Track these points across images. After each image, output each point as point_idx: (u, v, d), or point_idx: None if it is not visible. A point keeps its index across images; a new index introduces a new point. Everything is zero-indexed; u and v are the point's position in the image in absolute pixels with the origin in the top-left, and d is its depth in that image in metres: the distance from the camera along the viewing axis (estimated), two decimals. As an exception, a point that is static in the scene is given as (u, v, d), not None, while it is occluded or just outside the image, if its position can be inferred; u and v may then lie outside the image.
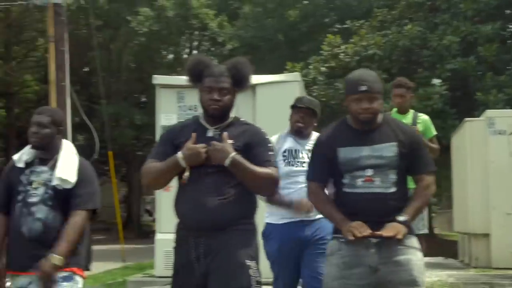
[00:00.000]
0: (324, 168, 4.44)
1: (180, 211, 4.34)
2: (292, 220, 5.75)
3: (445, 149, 13.63)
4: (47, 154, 4.81)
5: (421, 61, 18.39)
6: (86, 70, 38.93)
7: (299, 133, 5.90)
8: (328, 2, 28.78)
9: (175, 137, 4.40)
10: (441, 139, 14.36)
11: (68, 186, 4.69)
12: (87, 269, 14.51)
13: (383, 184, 4.28)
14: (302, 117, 5.88)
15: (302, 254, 5.77)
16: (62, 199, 4.68)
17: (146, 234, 34.54)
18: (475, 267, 10.32)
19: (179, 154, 4.24)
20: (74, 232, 4.65)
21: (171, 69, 37.00)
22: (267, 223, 5.85)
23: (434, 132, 7.78)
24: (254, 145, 4.27)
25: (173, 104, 10.02)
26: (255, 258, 4.29)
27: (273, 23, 30.47)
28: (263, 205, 5.09)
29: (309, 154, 5.73)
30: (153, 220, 32.89)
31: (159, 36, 35.59)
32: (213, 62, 4.48)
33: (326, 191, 4.53)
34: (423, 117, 7.81)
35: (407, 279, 4.24)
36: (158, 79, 10.39)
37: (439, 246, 18.53)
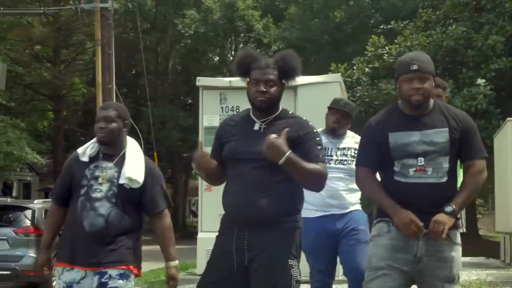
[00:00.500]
0: (375, 153, 4.37)
1: (226, 205, 4.40)
2: (326, 213, 6.04)
3: (489, 150, 13.57)
4: (112, 150, 4.72)
5: (466, 61, 18.30)
6: (133, 72, 39.42)
7: (333, 132, 6.13)
8: (373, 3, 28.77)
9: (223, 135, 4.48)
10: (485, 139, 14.32)
11: (136, 186, 4.64)
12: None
13: (435, 174, 4.22)
14: (337, 119, 6.11)
15: (337, 245, 6.03)
16: (126, 198, 4.63)
17: (191, 234, 34.79)
18: (516, 267, 10.30)
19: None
20: (171, 233, 4.77)
21: (217, 71, 37.29)
22: (303, 217, 6.00)
23: None
24: (302, 139, 4.26)
25: (216, 105, 10.18)
26: (297, 256, 4.34)
27: (319, 24, 30.54)
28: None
29: (338, 153, 6.09)
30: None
31: (205, 38, 35.85)
32: (260, 55, 4.49)
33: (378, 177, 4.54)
34: None
35: (446, 275, 4.24)
36: (201, 81, 10.56)
37: (483, 247, 18.41)
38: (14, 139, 23.80)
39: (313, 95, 9.61)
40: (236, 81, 7.98)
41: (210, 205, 9.53)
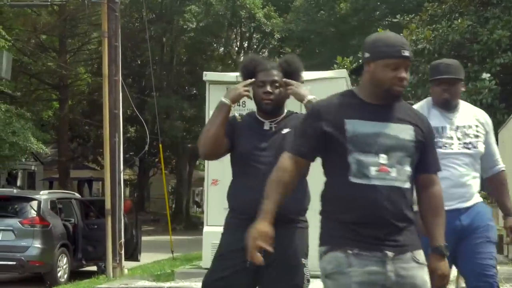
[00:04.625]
0: (314, 144, 3.51)
1: (239, 201, 4.38)
2: (449, 207, 4.33)
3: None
4: None
5: (471, 55, 18.31)
6: (138, 62, 39.46)
7: (445, 105, 5.03)
8: (378, -4, 28.79)
9: (235, 127, 4.54)
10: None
11: None
12: (137, 260, 14.73)
13: (400, 177, 3.43)
14: (447, 89, 5.00)
15: (458, 247, 4.85)
16: None
17: (194, 225, 34.94)
18: (513, 261, 10.38)
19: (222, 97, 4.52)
20: None
21: (221, 62, 37.33)
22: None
23: None
24: None
25: (223, 99, 10.21)
26: (307, 255, 4.39)
27: (324, 16, 30.62)
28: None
29: (459, 133, 4.98)
30: (202, 212, 33.40)
31: (209, 30, 35.84)
32: (265, 59, 4.69)
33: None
34: None
35: None
36: (208, 75, 10.60)
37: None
38: (19, 129, 23.89)
39: (318, 91, 9.49)
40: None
41: (216, 199, 9.57)
